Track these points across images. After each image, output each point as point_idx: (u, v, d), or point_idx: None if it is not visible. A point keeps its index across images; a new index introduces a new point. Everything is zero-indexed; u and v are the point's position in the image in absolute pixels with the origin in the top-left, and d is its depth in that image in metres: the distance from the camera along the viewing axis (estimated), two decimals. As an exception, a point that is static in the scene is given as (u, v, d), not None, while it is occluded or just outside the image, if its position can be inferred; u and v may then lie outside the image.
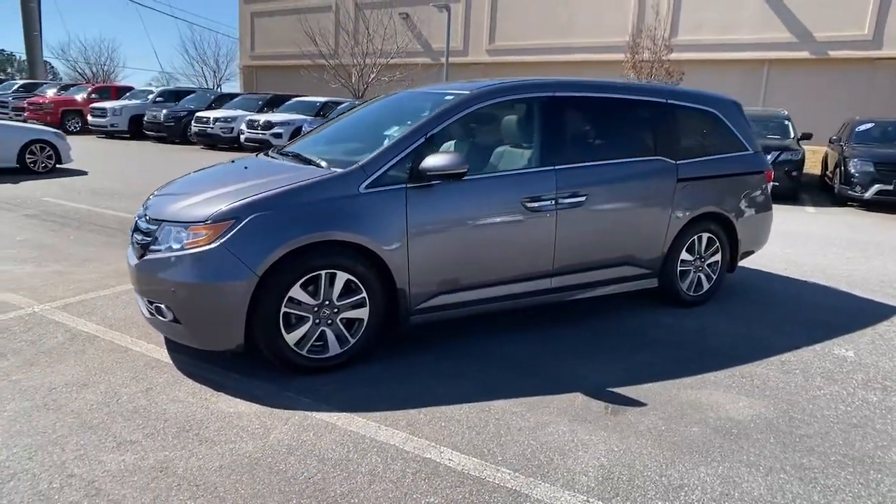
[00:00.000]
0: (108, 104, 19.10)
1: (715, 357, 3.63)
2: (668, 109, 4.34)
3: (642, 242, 4.17)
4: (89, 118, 18.91)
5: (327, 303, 3.12)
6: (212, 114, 17.14)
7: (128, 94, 20.79)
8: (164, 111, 17.97)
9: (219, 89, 33.22)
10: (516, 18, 24.16)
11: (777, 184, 10.78)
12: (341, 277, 3.11)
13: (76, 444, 2.47)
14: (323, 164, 3.40)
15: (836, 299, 4.95)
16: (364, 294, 3.19)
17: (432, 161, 3.22)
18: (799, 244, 6.96)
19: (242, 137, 16.00)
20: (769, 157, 10.77)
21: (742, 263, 5.60)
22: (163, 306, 3.03)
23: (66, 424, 2.61)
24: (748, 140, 4.78)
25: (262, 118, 15.87)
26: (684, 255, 4.42)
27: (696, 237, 4.45)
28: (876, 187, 9.83)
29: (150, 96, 20.14)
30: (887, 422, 2.92)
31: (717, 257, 4.62)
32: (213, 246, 2.90)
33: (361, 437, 2.60)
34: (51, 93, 20.72)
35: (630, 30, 18.76)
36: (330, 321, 3.15)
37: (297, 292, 3.02)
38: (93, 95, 20.29)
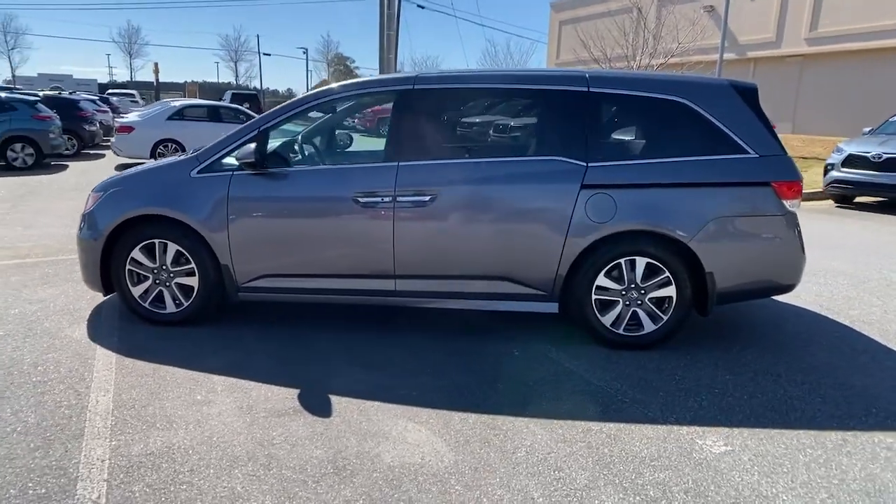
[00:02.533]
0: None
1: (516, 403, 2.96)
2: (588, 100, 3.53)
3: (522, 256, 3.53)
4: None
5: (164, 267, 3.74)
6: (477, 119, 18.90)
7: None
8: (443, 116, 20.51)
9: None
10: (851, -3, 19.47)
11: None
12: (172, 248, 3.70)
13: (-25, 328, 3.69)
14: (189, 153, 4.00)
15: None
16: (193, 265, 3.70)
17: (238, 152, 3.52)
18: None
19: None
20: None
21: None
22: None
23: (-5, 319, 3.88)
24: (750, 139, 3.47)
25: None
26: (603, 282, 3.54)
27: (623, 261, 3.51)
28: None
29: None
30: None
31: (668, 292, 3.53)
32: (89, 210, 3.82)
33: (82, 369, 3.17)
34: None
35: None
36: (167, 283, 3.77)
37: (137, 254, 3.73)
38: (400, 104, 24.42)
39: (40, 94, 16.82)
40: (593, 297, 3.57)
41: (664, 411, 2.90)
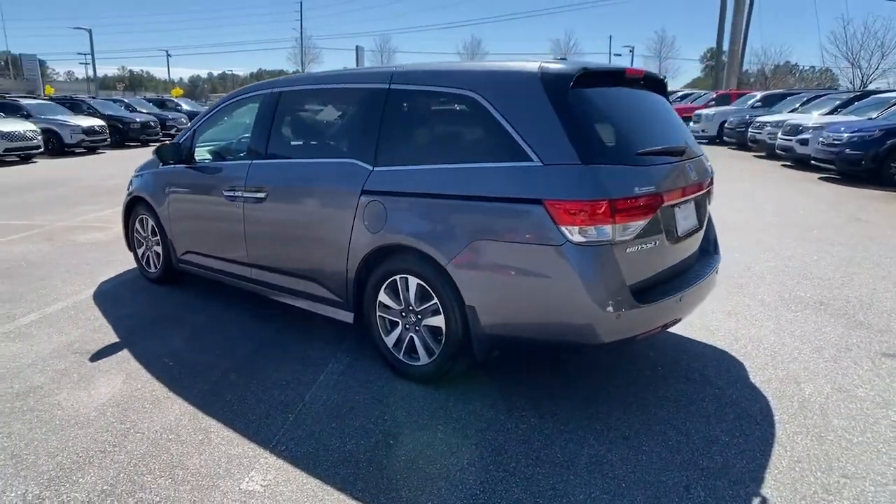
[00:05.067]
0: (706, 110, 20.39)
1: (216, 391, 3.11)
2: (388, 98, 3.22)
3: (322, 259, 3.48)
4: (690, 124, 20.76)
5: (147, 237, 4.92)
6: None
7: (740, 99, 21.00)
8: (733, 118, 17.90)
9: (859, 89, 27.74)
10: None
11: None
12: (149, 222, 4.84)
13: (75, 267, 5.53)
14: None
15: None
16: (159, 237, 4.78)
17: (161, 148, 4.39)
18: None
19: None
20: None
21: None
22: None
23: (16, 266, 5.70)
24: (539, 143, 2.68)
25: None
26: (384, 298, 3.23)
27: (399, 278, 3.14)
28: None
29: (751, 101, 19.87)
30: None
31: (439, 322, 3.00)
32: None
33: (59, 295, 4.51)
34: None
35: None
36: (151, 249, 4.94)
37: (136, 225, 5.00)
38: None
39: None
40: (377, 313, 3.28)
41: (299, 442, 2.63)
